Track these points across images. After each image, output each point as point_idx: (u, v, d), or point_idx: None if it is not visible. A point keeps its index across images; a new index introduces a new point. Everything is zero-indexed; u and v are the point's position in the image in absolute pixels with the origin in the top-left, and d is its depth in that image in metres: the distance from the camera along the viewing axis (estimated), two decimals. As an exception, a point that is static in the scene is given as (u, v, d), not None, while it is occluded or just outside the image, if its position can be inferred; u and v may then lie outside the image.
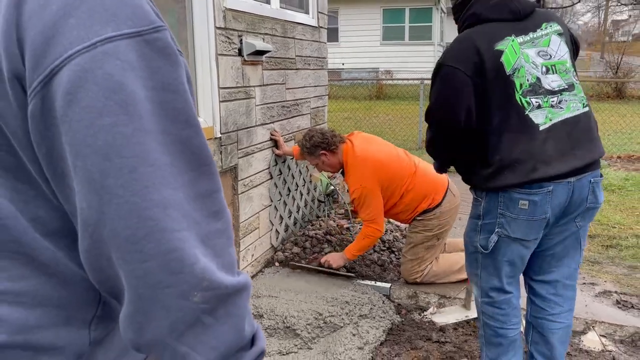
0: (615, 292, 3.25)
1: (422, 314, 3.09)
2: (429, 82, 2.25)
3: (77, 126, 0.52)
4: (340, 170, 3.31)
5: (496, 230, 2.02)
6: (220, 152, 2.93)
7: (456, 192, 3.33)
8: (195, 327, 0.57)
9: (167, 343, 0.57)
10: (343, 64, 18.67)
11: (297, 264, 3.48)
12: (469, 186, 2.18)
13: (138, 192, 0.53)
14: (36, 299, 0.62)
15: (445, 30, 23.41)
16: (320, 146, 3.17)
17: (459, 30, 2.07)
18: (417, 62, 19.04)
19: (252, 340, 0.64)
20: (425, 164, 3.37)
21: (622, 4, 35.62)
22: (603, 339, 2.81)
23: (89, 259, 0.57)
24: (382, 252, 3.68)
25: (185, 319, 0.56)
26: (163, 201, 0.54)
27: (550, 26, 2.00)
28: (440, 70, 1.96)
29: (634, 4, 33.07)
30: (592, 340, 2.80)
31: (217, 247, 0.59)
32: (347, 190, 3.28)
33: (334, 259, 3.32)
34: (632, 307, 3.07)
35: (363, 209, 3.14)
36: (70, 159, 0.54)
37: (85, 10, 0.53)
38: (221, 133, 2.91)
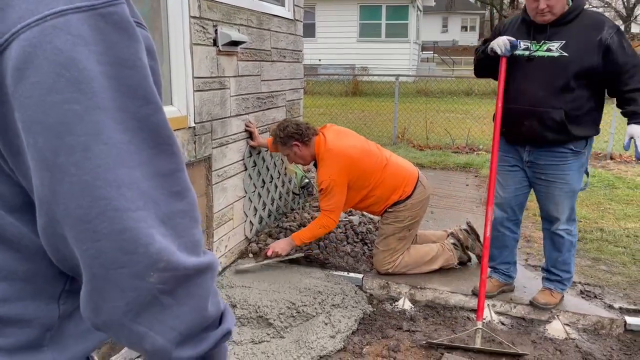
0: (580, 282, 3.35)
1: (394, 304, 3.14)
2: (405, 79, 2.54)
3: (28, 103, 0.51)
4: (313, 163, 3.33)
5: (587, 170, 2.89)
6: (194, 142, 2.92)
7: (427, 184, 3.38)
8: (152, 307, 0.56)
9: (123, 323, 0.56)
10: (320, 60, 18.69)
11: (242, 267, 3.33)
12: (574, 144, 2.75)
13: (91, 171, 0.52)
14: (1, 273, 0.61)
15: (421, 29, 23.61)
16: (293, 137, 3.18)
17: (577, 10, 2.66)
18: (393, 59, 19.18)
19: (221, 320, 0.64)
20: (397, 157, 3.41)
21: (593, 7, 36.47)
22: (567, 328, 2.90)
23: (46, 237, 0.57)
24: (355, 244, 3.72)
25: (141, 299, 0.55)
26: (117, 180, 0.53)
27: None
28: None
29: (605, 7, 33.88)
30: (556, 329, 2.89)
31: (178, 227, 0.57)
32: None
33: (280, 246, 3.27)
34: (595, 297, 3.18)
35: (326, 199, 3.16)
36: (23, 135, 0.53)
37: None
38: (195, 123, 2.90)
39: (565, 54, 2.63)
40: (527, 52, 2.71)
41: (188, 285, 0.57)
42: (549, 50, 2.67)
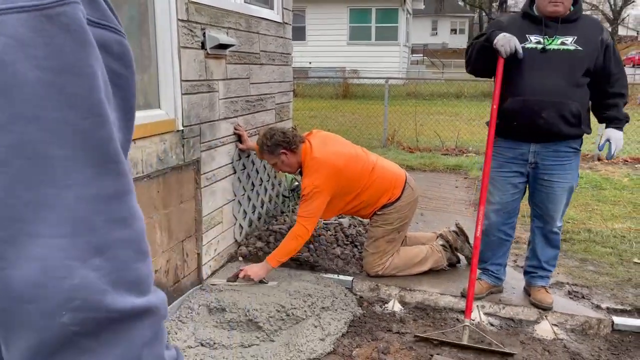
0: (568, 283, 3.38)
1: (384, 306, 3.15)
2: (395, 81, 2.51)
3: None
4: (298, 170, 3.32)
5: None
6: (183, 145, 2.91)
7: (414, 186, 3.39)
8: (68, 349, 0.48)
9: None
10: (310, 63, 18.69)
11: (216, 281, 3.23)
12: (577, 143, 2.85)
13: (5, 188, 0.46)
14: None
15: (410, 31, 23.71)
16: (281, 145, 3.16)
17: None
18: (383, 62, 19.24)
19: None
20: (383, 160, 3.42)
21: (580, 9, 36.76)
22: (555, 328, 2.92)
23: None
24: (344, 246, 3.72)
25: (52, 340, 0.47)
26: (37, 201, 0.46)
27: None
28: None
29: (592, 9, 34.21)
30: (544, 330, 2.91)
31: (118, 259, 0.50)
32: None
33: (254, 271, 3.10)
34: (583, 297, 3.20)
35: (305, 204, 3.09)
36: None
37: None
38: (183, 126, 2.90)
39: (580, 48, 2.69)
40: (539, 46, 2.73)
41: (115, 330, 0.49)
42: (563, 44, 2.71)
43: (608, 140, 2.78)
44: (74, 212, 0.48)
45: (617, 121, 2.77)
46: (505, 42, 2.66)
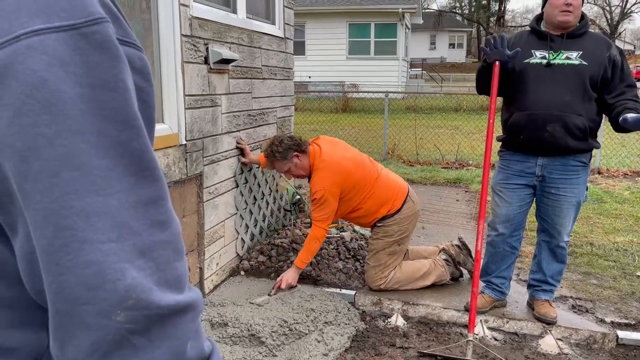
0: (571, 297, 3.36)
1: (387, 321, 3.13)
2: (394, 95, 2.51)
3: None
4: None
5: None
6: (186, 160, 2.92)
7: (416, 199, 3.40)
8: (122, 348, 0.51)
9: None
10: (310, 77, 18.80)
11: (258, 300, 3.18)
12: (585, 157, 2.85)
13: (57, 199, 0.49)
14: None
15: (409, 46, 23.88)
16: (292, 148, 3.20)
17: None
18: (382, 76, 19.35)
19: None
20: (388, 171, 3.43)
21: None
22: (560, 343, 2.90)
23: (20, 264, 0.54)
24: (347, 260, 3.71)
25: (108, 339, 0.50)
26: (87, 209, 0.49)
27: None
28: None
29: (590, 24, 34.47)
30: (549, 344, 2.89)
31: (159, 260, 0.53)
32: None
33: (290, 276, 3.25)
34: (587, 311, 3.19)
35: (319, 209, 3.17)
36: None
37: (14, 0, 0.49)
38: (186, 140, 2.90)
39: (585, 63, 2.71)
40: (544, 61, 2.76)
41: (164, 326, 0.52)
42: (568, 58, 2.73)
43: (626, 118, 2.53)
44: (118, 218, 0.51)
45: (626, 110, 2.61)
46: (488, 45, 2.73)
